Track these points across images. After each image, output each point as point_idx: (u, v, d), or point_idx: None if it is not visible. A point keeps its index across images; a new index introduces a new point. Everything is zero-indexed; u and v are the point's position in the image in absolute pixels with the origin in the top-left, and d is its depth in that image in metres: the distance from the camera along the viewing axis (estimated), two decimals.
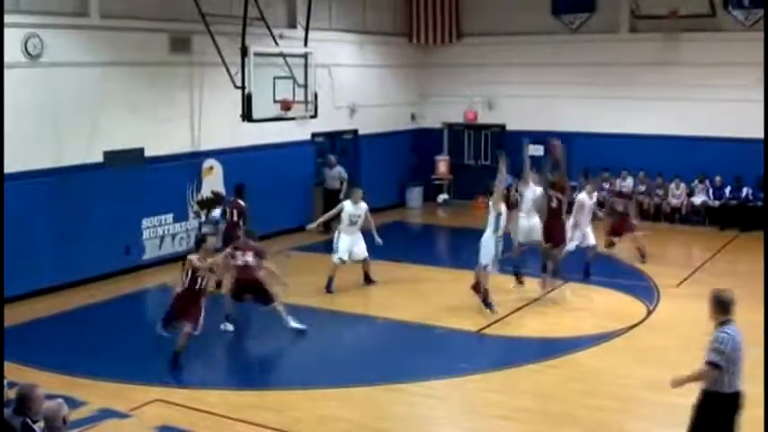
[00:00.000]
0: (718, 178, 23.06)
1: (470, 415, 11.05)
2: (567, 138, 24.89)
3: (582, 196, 17.68)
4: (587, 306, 15.71)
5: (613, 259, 19.37)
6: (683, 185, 23.54)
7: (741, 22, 22.50)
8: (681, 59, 23.36)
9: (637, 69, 23.88)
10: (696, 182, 23.48)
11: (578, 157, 24.94)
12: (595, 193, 18.24)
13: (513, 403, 11.24)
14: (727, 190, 22.96)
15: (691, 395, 11.29)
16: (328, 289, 16.33)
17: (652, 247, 21.01)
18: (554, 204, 16.62)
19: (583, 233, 17.33)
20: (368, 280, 16.92)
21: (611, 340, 13.62)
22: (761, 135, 20.27)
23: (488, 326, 14.35)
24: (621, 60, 24.07)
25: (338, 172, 22.28)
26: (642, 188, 24.03)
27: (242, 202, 16.97)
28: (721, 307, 8.20)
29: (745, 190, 22.71)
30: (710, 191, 23.25)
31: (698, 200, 23.37)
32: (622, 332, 14.03)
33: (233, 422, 10.59)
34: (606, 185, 24.50)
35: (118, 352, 13.32)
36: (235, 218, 16.76)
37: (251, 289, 13.95)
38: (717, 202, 23.03)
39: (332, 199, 21.03)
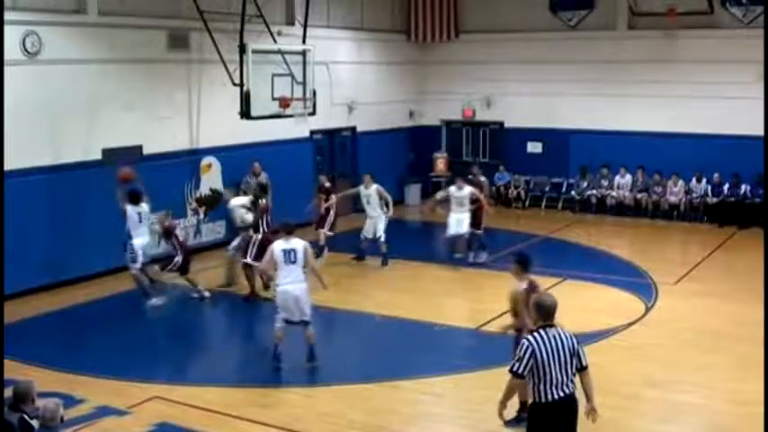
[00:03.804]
0: (716, 175, 23.04)
1: (470, 412, 11.04)
2: (565, 134, 25.10)
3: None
4: (585, 303, 15.70)
5: (612, 256, 19.41)
6: (681, 182, 23.54)
7: (739, 20, 22.45)
8: (679, 56, 23.37)
9: (635, 66, 23.87)
10: (694, 179, 23.48)
11: (576, 155, 25.07)
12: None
13: (513, 400, 11.21)
14: (726, 187, 22.95)
15: (691, 393, 11.37)
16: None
17: (651, 244, 21.05)
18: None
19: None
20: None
21: (610, 337, 13.61)
22: (759, 132, 20.27)
23: (487, 323, 14.35)
24: (619, 57, 24.07)
25: (264, 177, 20.34)
26: (641, 185, 24.06)
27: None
28: (541, 313, 7.73)
29: (743, 187, 22.71)
30: (709, 188, 23.25)
31: (696, 197, 23.38)
32: (621, 329, 14.03)
33: (232, 419, 10.58)
34: (605, 183, 24.57)
35: (116, 349, 13.31)
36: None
37: None
38: (715, 199, 23.03)
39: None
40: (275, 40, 19.03)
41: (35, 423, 7.40)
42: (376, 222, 18.56)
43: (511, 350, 9.46)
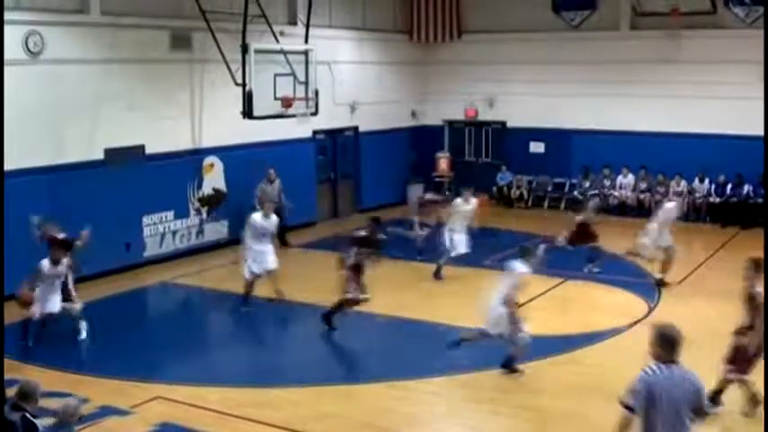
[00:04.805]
0: (722, 177, 23.04)
1: (474, 412, 11.03)
2: (567, 134, 25.09)
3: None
4: (588, 303, 15.70)
5: (615, 256, 19.37)
6: (683, 183, 23.52)
7: (742, 19, 22.45)
8: (682, 57, 23.34)
9: (638, 66, 23.85)
10: (696, 179, 23.47)
11: (579, 155, 25.05)
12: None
13: (518, 401, 11.23)
14: (729, 187, 22.95)
15: None
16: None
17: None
18: None
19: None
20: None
21: (613, 338, 13.59)
22: (762, 132, 20.24)
23: None
24: (622, 57, 24.05)
25: (279, 184, 20.30)
26: (643, 185, 24.04)
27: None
28: (665, 346, 6.95)
29: (746, 187, 22.71)
30: (712, 188, 23.24)
31: (699, 197, 23.35)
32: (624, 330, 14.01)
33: (234, 419, 10.57)
34: (607, 183, 24.56)
35: (119, 349, 13.31)
36: None
37: None
38: (718, 199, 23.00)
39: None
40: (278, 40, 19.02)
41: (38, 422, 7.43)
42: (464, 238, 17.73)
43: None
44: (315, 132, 22.81)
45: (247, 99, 17.28)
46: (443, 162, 27.08)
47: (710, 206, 23.17)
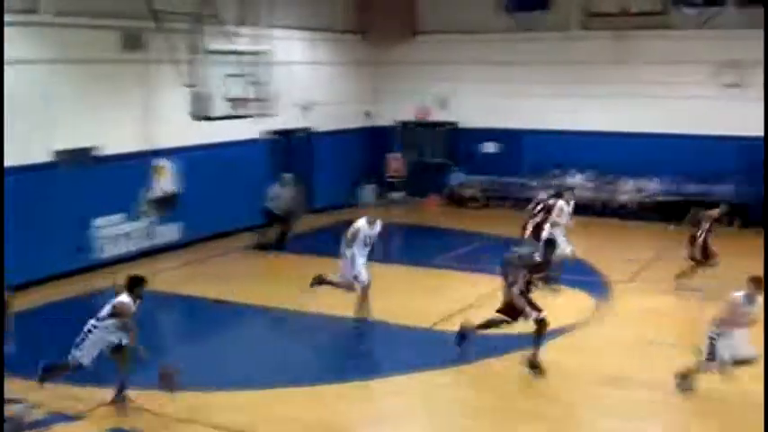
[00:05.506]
0: (668, 174, 23.32)
1: (435, 413, 11.09)
2: (518, 135, 25.24)
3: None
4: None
5: (564, 255, 19.50)
6: (632, 182, 23.80)
7: (693, 20, 22.70)
8: (633, 57, 23.58)
9: (589, 67, 24.08)
10: (645, 178, 23.74)
11: (530, 155, 25.22)
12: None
13: (477, 401, 11.33)
14: (676, 185, 23.23)
15: (648, 389, 11.46)
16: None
17: (603, 242, 21.15)
18: None
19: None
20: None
21: (567, 337, 13.69)
22: (712, 131, 20.57)
23: (440, 321, 14.39)
24: (574, 58, 24.27)
25: (294, 189, 20.69)
26: (593, 185, 24.26)
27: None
28: None
29: (693, 185, 22.99)
30: (660, 186, 23.51)
31: (647, 195, 23.61)
32: (577, 328, 14.14)
33: (187, 423, 10.52)
34: (555, 182, 24.72)
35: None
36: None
37: None
38: (666, 198, 23.25)
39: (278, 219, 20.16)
40: (230, 41, 18.94)
41: None
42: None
43: None
44: (266, 133, 22.70)
45: (200, 100, 17.21)
46: (395, 162, 27.11)
47: (659, 204, 23.41)
